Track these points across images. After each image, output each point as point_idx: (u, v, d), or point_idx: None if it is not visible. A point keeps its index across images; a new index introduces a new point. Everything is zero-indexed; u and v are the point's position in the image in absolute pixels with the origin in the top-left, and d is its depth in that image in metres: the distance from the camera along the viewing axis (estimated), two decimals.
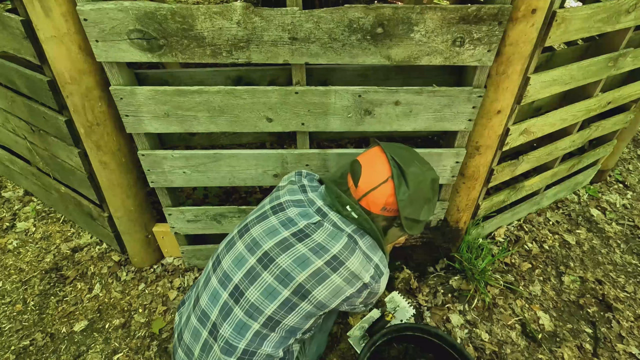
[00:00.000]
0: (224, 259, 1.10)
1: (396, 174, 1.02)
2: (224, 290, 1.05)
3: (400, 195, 1.02)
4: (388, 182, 1.03)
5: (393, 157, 1.05)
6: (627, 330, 1.77)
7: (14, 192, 2.41)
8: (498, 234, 2.16)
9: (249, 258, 1.04)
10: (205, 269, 1.17)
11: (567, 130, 1.94)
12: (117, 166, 1.54)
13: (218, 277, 1.08)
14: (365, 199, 1.05)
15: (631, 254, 2.16)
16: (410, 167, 1.04)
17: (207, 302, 1.07)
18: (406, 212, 1.04)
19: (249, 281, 1.02)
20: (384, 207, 1.05)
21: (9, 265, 1.99)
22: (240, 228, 1.14)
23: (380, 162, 1.06)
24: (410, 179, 1.02)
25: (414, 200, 1.04)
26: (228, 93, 1.31)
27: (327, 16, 1.14)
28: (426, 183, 1.06)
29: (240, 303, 1.02)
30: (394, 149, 1.09)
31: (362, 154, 1.12)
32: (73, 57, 1.24)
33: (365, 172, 1.05)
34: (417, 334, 1.47)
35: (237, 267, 1.05)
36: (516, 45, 1.25)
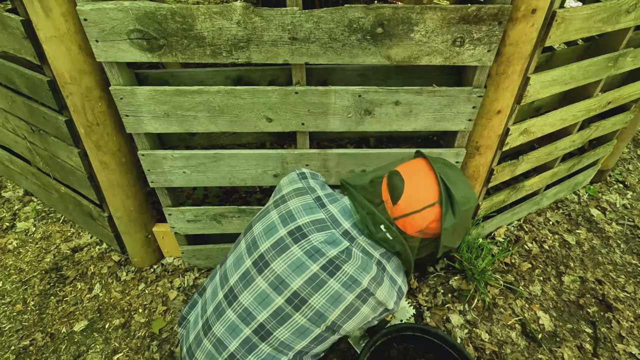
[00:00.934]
0: (241, 294, 0.99)
1: (445, 199, 0.92)
2: (247, 327, 0.98)
3: (445, 223, 0.92)
4: (434, 206, 0.93)
5: (442, 177, 0.94)
6: (627, 330, 1.77)
7: (14, 192, 2.41)
8: (498, 234, 2.16)
9: (275, 298, 0.96)
10: (213, 294, 1.07)
11: (567, 130, 1.94)
12: (117, 166, 1.54)
13: (237, 313, 0.99)
14: (404, 220, 0.96)
15: (631, 254, 2.16)
16: (458, 191, 0.94)
17: (225, 333, 0.99)
18: (447, 241, 0.96)
19: (277, 322, 0.96)
20: (421, 230, 0.96)
21: (9, 265, 1.99)
22: (255, 258, 1.00)
23: (426, 180, 0.95)
24: (457, 206, 0.92)
25: (457, 229, 0.96)
26: (228, 93, 1.31)
27: (327, 16, 1.14)
28: (471, 211, 0.97)
29: (267, 341, 0.97)
30: (440, 166, 0.98)
31: (404, 165, 1.01)
32: (73, 57, 1.24)
33: (408, 190, 0.95)
34: (417, 334, 1.47)
35: (261, 306, 0.97)
36: (516, 45, 1.25)
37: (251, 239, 1.06)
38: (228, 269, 1.07)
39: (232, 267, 1.06)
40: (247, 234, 1.10)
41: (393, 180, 0.98)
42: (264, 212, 1.09)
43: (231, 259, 1.09)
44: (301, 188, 1.09)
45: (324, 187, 1.12)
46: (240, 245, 1.10)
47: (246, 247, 1.06)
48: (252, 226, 1.10)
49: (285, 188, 1.12)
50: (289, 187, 1.11)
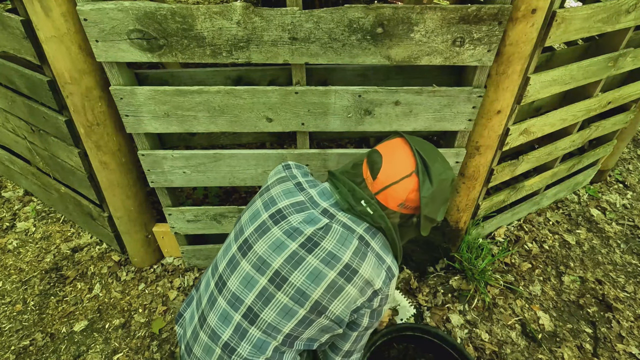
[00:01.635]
0: (229, 280, 1.01)
1: (421, 168, 0.95)
2: (236, 312, 0.98)
3: (424, 191, 0.95)
4: (412, 176, 0.96)
5: (417, 150, 0.98)
6: (627, 330, 1.77)
7: (14, 192, 2.41)
8: (498, 234, 2.16)
9: (259, 279, 0.97)
10: (206, 286, 1.08)
11: (567, 130, 1.94)
12: (117, 166, 1.54)
13: (226, 299, 1.00)
14: (384, 193, 0.98)
15: (631, 254, 2.16)
16: (435, 162, 0.98)
17: (217, 323, 1.00)
18: (427, 210, 0.97)
19: (262, 302, 0.96)
20: (402, 203, 0.98)
21: (9, 265, 1.99)
22: (240, 243, 1.03)
23: (403, 153, 0.99)
24: (434, 175, 0.96)
25: (435, 198, 0.97)
26: (228, 93, 1.31)
27: (327, 16, 1.14)
28: (448, 181, 1.00)
29: (256, 324, 0.97)
30: (417, 141, 1.02)
31: (382, 144, 1.04)
32: (73, 57, 1.24)
33: (386, 163, 0.98)
34: (417, 334, 1.47)
35: (247, 289, 0.98)
36: (516, 45, 1.25)
37: (239, 227, 1.08)
38: (218, 259, 1.09)
39: (221, 256, 1.08)
40: (236, 224, 1.13)
41: (372, 157, 1.01)
42: (252, 202, 1.13)
43: (221, 249, 1.12)
44: (284, 176, 1.13)
45: (306, 175, 1.15)
46: (230, 235, 1.13)
47: (234, 235, 1.08)
48: (241, 216, 1.13)
49: (270, 179, 1.17)
50: (274, 177, 1.16)
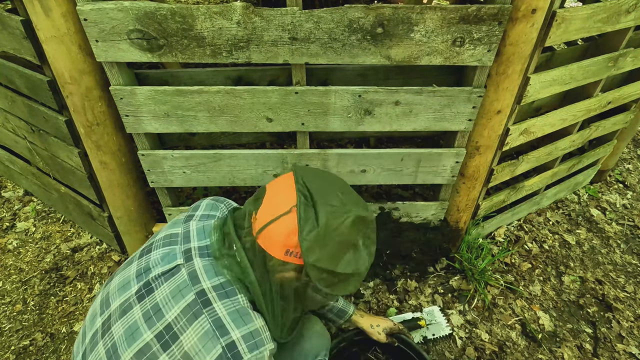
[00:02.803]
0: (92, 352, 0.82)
1: (303, 202, 0.75)
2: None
3: (304, 232, 0.74)
4: (291, 213, 0.75)
5: (305, 182, 0.79)
6: (627, 330, 1.77)
7: (14, 192, 2.41)
8: (498, 234, 2.16)
9: (96, 320, 0.84)
10: (83, 335, 0.88)
11: (567, 130, 1.94)
12: (117, 166, 1.54)
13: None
14: (262, 235, 0.77)
15: (631, 254, 2.16)
16: (326, 196, 0.77)
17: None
18: (312, 257, 0.74)
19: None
20: (287, 250, 0.76)
21: (9, 265, 1.99)
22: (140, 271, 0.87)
23: (285, 187, 0.80)
24: (322, 212, 0.75)
25: (324, 241, 0.75)
26: (228, 93, 1.31)
27: (327, 16, 1.14)
28: (346, 220, 0.77)
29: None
30: (310, 173, 0.83)
31: (275, 179, 0.87)
32: (73, 57, 1.24)
33: (267, 199, 0.80)
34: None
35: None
36: (516, 45, 1.25)
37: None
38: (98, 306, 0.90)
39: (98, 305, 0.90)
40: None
41: (258, 193, 0.85)
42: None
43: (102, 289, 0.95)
44: (192, 207, 1.01)
45: (214, 208, 0.99)
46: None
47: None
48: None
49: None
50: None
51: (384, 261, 1.90)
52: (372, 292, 1.85)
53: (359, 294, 1.83)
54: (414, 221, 1.80)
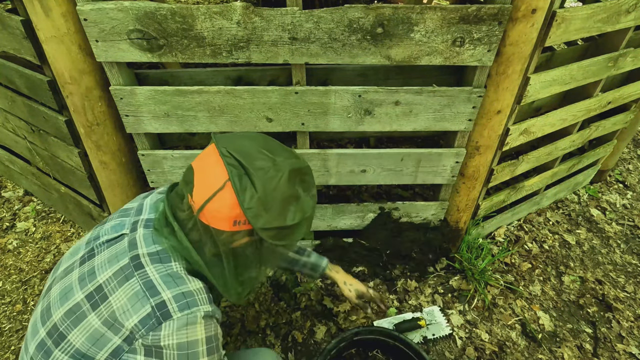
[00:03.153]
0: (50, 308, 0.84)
1: (236, 174, 0.75)
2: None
3: (246, 202, 0.75)
4: (226, 187, 0.75)
5: (230, 152, 0.77)
6: (627, 330, 1.77)
7: (14, 192, 2.41)
8: (498, 234, 2.16)
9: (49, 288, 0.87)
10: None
11: (567, 130, 1.94)
12: (117, 166, 1.54)
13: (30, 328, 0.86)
14: (203, 214, 0.78)
15: (631, 254, 2.16)
16: (256, 160, 0.77)
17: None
18: (260, 222, 0.76)
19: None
20: (235, 221, 0.77)
21: (9, 265, 1.99)
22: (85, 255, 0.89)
23: (212, 162, 0.79)
24: (257, 177, 0.75)
25: (268, 204, 0.76)
26: (228, 93, 1.31)
27: (327, 16, 1.14)
28: (282, 177, 0.78)
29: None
30: (232, 140, 0.81)
31: (198, 156, 0.84)
32: (73, 57, 1.24)
33: (198, 178, 0.79)
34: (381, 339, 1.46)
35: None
36: (516, 45, 1.25)
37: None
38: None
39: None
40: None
41: (186, 175, 0.83)
42: None
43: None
44: (164, 185, 1.05)
45: (172, 188, 0.99)
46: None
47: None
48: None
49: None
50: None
51: (384, 261, 1.90)
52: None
53: None
54: (414, 221, 1.80)
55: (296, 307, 1.76)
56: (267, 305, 1.76)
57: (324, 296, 1.80)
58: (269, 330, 1.67)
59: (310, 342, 1.65)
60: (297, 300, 1.78)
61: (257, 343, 1.62)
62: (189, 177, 0.81)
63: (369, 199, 2.23)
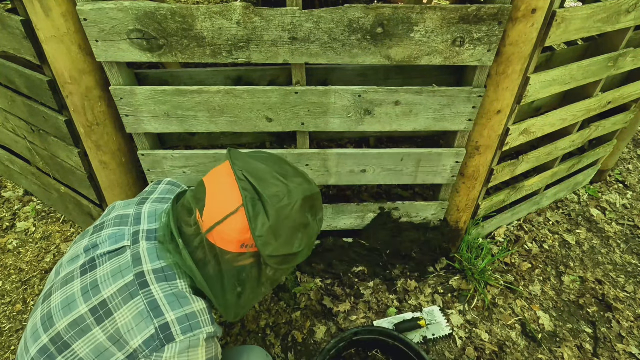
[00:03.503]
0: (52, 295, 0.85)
1: (250, 199, 0.76)
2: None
3: (257, 230, 0.76)
4: (239, 212, 0.76)
5: (245, 175, 0.78)
6: (627, 330, 1.77)
7: (14, 192, 2.41)
8: (498, 234, 2.16)
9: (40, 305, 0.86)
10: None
11: (567, 130, 1.95)
12: (117, 166, 1.54)
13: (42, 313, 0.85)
14: (212, 235, 0.79)
15: (631, 254, 2.16)
16: (270, 187, 0.78)
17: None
18: (269, 250, 0.78)
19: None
20: (243, 244, 0.78)
21: (9, 265, 1.99)
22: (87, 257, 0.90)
23: (227, 182, 0.80)
24: (269, 204, 0.76)
25: (278, 232, 0.78)
26: (228, 93, 1.31)
27: (327, 16, 1.14)
28: (295, 206, 0.79)
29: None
30: (247, 161, 0.82)
31: (210, 172, 0.86)
32: (73, 57, 1.24)
33: (210, 198, 0.79)
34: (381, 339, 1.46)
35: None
36: (516, 45, 1.25)
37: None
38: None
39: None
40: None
41: (197, 192, 0.83)
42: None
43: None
44: (143, 192, 1.05)
45: (171, 192, 1.02)
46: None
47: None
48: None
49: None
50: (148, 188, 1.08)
51: (384, 261, 1.90)
52: (372, 292, 1.85)
53: (359, 294, 1.83)
54: (414, 221, 1.80)
55: (296, 307, 1.76)
56: (267, 305, 1.76)
57: (324, 296, 1.80)
58: (269, 330, 1.67)
59: (310, 342, 1.65)
60: (297, 300, 1.78)
61: (257, 343, 1.62)
62: (201, 194, 0.81)
63: (369, 199, 2.23)
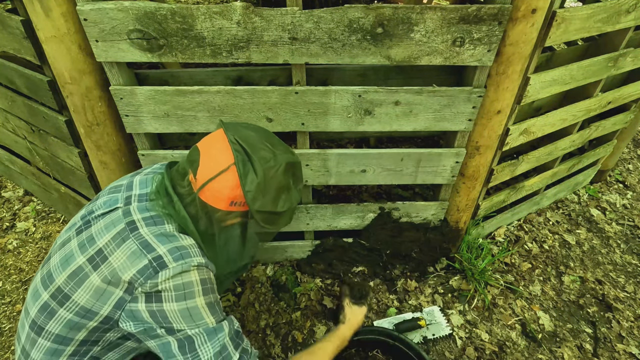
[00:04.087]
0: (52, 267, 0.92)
1: (241, 159, 0.86)
2: (26, 319, 0.91)
3: (247, 185, 0.86)
4: (230, 170, 0.86)
5: (237, 139, 0.88)
6: (627, 330, 1.77)
7: (14, 192, 2.41)
8: (498, 234, 2.16)
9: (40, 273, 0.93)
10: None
11: (567, 130, 1.95)
12: (117, 166, 1.54)
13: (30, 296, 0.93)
14: (203, 192, 0.88)
15: (631, 254, 2.16)
16: (259, 150, 0.89)
17: (20, 327, 0.94)
18: (256, 205, 0.88)
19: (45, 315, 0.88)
20: (232, 202, 0.89)
21: (9, 265, 1.99)
22: (80, 225, 0.97)
23: (220, 145, 0.90)
24: (258, 165, 0.87)
25: (265, 190, 0.88)
26: (228, 93, 1.31)
27: (327, 16, 1.14)
28: (279, 168, 0.90)
29: (42, 335, 0.88)
30: (239, 129, 0.93)
31: (203, 139, 0.95)
32: (73, 57, 1.24)
33: (203, 158, 0.89)
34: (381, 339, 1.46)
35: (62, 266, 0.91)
36: (516, 45, 1.25)
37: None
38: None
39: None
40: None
41: (191, 154, 0.93)
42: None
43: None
44: (141, 169, 1.11)
45: (161, 168, 1.08)
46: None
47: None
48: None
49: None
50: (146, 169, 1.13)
51: (384, 261, 1.90)
52: (372, 292, 1.85)
53: None
54: (414, 221, 1.81)
55: (296, 307, 1.76)
56: (267, 305, 1.76)
57: (324, 296, 1.80)
58: (269, 330, 1.67)
59: (310, 342, 1.65)
60: (297, 300, 1.78)
61: (257, 343, 1.62)
62: (195, 156, 0.90)
63: (369, 199, 2.23)
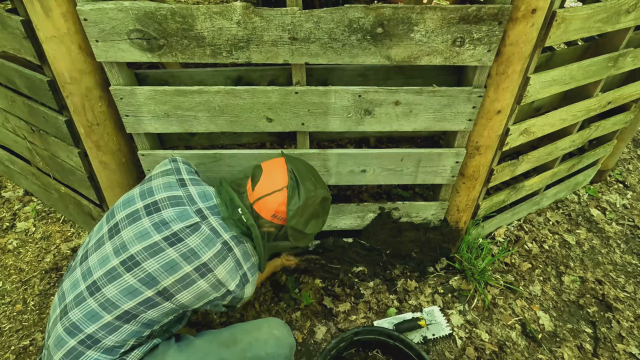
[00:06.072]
0: (90, 256, 1.08)
1: (291, 185, 1.09)
2: (83, 283, 1.04)
3: (291, 205, 1.08)
4: (282, 190, 1.09)
5: (292, 169, 1.11)
6: (627, 330, 1.77)
7: (14, 192, 2.41)
8: (498, 234, 2.16)
9: (112, 260, 1.03)
10: (75, 257, 1.15)
11: (567, 130, 1.95)
12: (117, 166, 1.54)
13: (82, 271, 1.07)
14: (258, 203, 1.10)
15: (631, 254, 2.16)
16: (306, 182, 1.11)
17: (68, 288, 1.06)
18: (293, 222, 1.10)
19: (107, 280, 1.02)
20: (274, 215, 1.10)
21: (9, 265, 1.99)
22: (111, 227, 1.10)
23: (280, 171, 1.12)
24: (303, 192, 1.09)
25: (302, 212, 1.09)
26: (228, 93, 1.31)
27: (327, 16, 1.14)
28: (317, 199, 1.12)
29: (95, 296, 1.02)
30: (295, 162, 1.15)
31: (267, 161, 1.18)
32: (73, 57, 1.24)
33: (264, 177, 1.12)
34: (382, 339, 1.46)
35: (99, 265, 1.04)
36: (516, 45, 1.25)
37: (110, 210, 1.16)
38: (92, 235, 1.15)
39: (94, 233, 1.15)
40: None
41: (255, 171, 1.15)
42: (129, 197, 1.17)
43: (96, 226, 1.18)
44: (168, 170, 1.21)
45: (191, 173, 1.24)
46: (103, 215, 1.20)
47: (105, 217, 1.15)
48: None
49: (155, 170, 1.24)
50: (158, 169, 1.23)
51: (384, 261, 1.90)
52: (372, 292, 1.85)
53: (359, 294, 1.83)
54: (414, 221, 1.81)
55: (296, 307, 1.76)
56: (267, 306, 1.76)
57: (324, 296, 1.80)
58: None
59: (310, 342, 1.65)
60: (297, 300, 1.78)
61: None
62: (258, 173, 1.13)
63: (369, 199, 2.23)
